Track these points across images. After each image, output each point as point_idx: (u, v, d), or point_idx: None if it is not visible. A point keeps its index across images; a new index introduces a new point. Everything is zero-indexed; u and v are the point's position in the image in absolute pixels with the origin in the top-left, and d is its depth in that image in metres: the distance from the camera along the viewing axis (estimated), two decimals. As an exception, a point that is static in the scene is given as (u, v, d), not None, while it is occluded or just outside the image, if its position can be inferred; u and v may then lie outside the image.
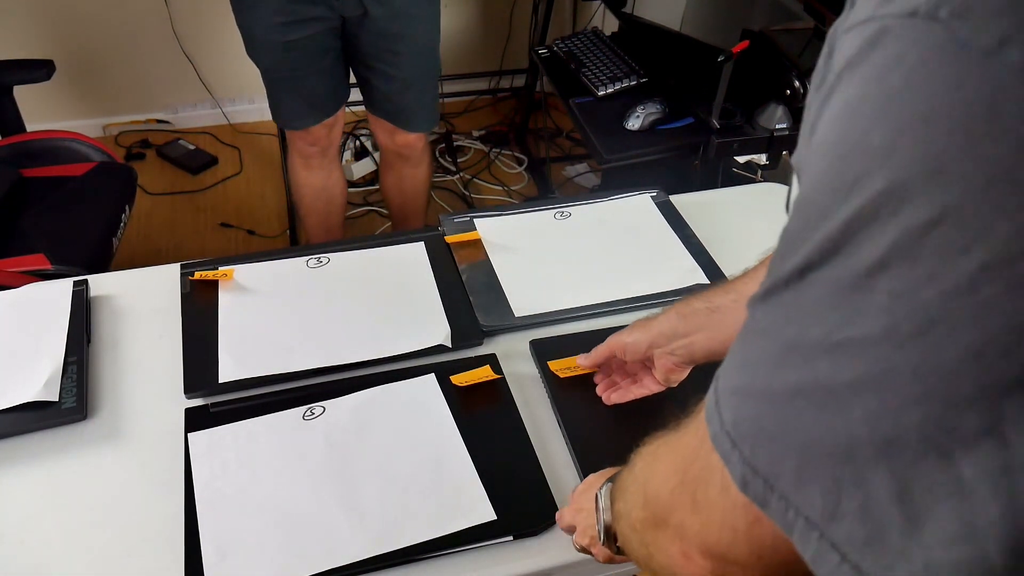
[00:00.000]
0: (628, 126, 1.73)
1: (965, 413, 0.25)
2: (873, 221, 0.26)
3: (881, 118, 0.26)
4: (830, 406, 0.28)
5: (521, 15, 2.67)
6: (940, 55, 0.24)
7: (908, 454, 0.26)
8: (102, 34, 2.45)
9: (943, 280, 0.25)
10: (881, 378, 0.26)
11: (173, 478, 0.79)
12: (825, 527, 0.29)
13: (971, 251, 0.24)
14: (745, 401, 0.33)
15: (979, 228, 0.24)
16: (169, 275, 1.02)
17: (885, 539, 0.28)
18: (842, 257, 0.27)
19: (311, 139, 1.77)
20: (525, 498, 0.79)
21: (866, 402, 0.27)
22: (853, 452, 0.28)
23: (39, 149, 1.71)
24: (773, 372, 0.31)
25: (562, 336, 0.97)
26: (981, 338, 0.24)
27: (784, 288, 0.30)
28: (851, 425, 0.28)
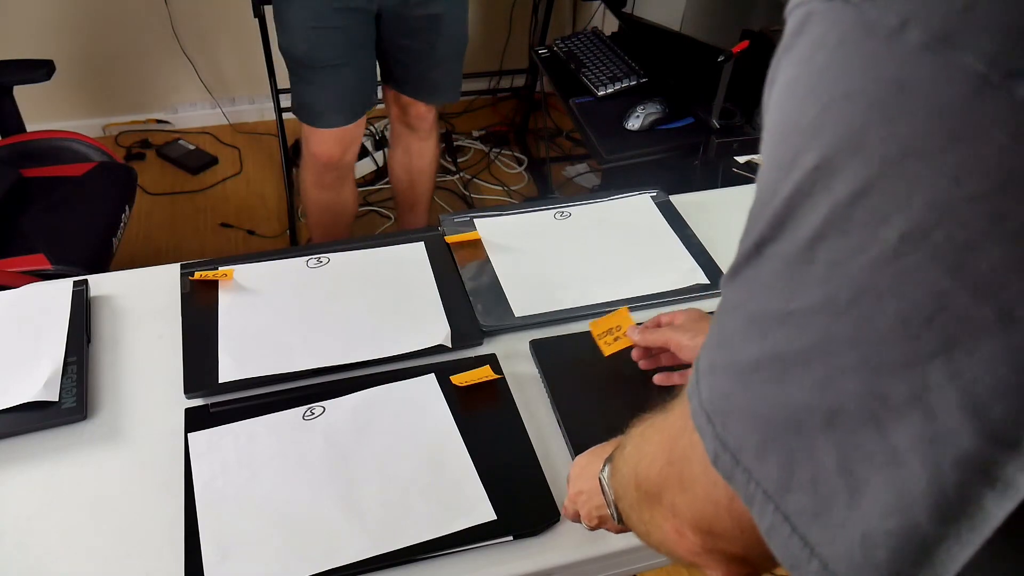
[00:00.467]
0: (628, 126, 1.73)
1: (894, 382, 0.26)
2: (809, 196, 0.27)
3: (810, 97, 0.27)
4: (784, 377, 0.29)
5: (521, 15, 2.67)
6: (854, 36, 0.26)
7: (849, 424, 0.27)
8: (102, 34, 2.45)
9: (869, 250, 0.25)
10: (823, 347, 0.27)
11: (173, 478, 0.79)
12: (779, 499, 0.30)
13: (891, 221, 0.25)
14: (718, 377, 0.33)
15: (897, 200, 0.25)
16: (169, 275, 1.02)
17: (831, 511, 0.28)
18: (788, 231, 0.28)
19: (330, 144, 1.74)
20: (525, 498, 0.79)
21: (813, 371, 0.28)
22: (803, 423, 0.28)
23: (39, 149, 1.71)
24: (739, 346, 0.32)
25: (562, 336, 0.97)
26: (905, 306, 0.25)
27: (746, 265, 0.31)
28: (802, 395, 0.28)
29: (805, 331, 0.28)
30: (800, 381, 0.28)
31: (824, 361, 0.28)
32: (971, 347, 0.24)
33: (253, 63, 2.42)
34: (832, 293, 0.27)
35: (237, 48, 2.58)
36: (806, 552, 0.29)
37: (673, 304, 1.02)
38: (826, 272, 0.27)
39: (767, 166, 0.30)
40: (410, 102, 1.80)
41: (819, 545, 0.29)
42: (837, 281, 0.27)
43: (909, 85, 0.24)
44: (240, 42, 2.54)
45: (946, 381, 0.25)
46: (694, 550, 0.40)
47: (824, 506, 0.29)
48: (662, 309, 1.01)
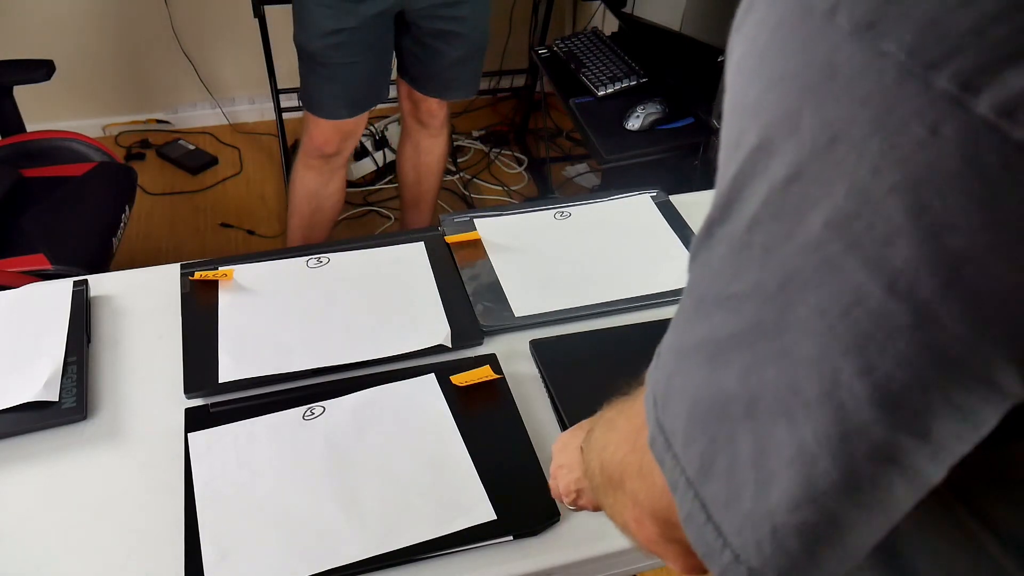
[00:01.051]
0: (628, 126, 1.73)
1: (808, 375, 0.26)
2: (751, 177, 0.27)
3: (753, 76, 0.27)
4: (715, 362, 0.29)
5: (521, 15, 2.67)
6: (791, 18, 0.25)
7: (765, 414, 0.27)
8: (102, 34, 2.45)
9: (796, 237, 0.25)
10: (751, 333, 0.27)
11: (173, 478, 0.79)
12: (699, 486, 0.30)
13: (817, 207, 0.24)
14: (665, 357, 0.33)
15: (823, 186, 0.24)
16: (169, 275, 1.02)
17: (740, 501, 0.28)
18: (734, 213, 0.28)
19: (329, 134, 1.74)
20: (525, 498, 0.79)
21: (740, 358, 0.28)
22: (728, 410, 0.28)
23: (39, 149, 1.71)
24: (684, 328, 0.32)
25: (562, 336, 0.97)
26: (824, 297, 0.25)
27: (701, 246, 0.31)
28: (728, 381, 0.28)
29: (737, 316, 0.28)
30: (728, 367, 0.28)
31: (750, 348, 0.27)
32: (884, 344, 0.24)
33: (253, 63, 2.42)
34: (763, 279, 0.27)
35: (237, 48, 2.58)
36: (719, 542, 0.29)
37: (673, 304, 1.01)
38: (760, 257, 0.27)
39: (721, 144, 0.30)
40: (422, 98, 1.80)
41: (731, 535, 0.29)
42: (768, 267, 0.26)
43: (839, 70, 0.24)
44: (240, 42, 2.54)
45: (857, 377, 0.25)
46: (652, 539, 0.40)
47: (735, 496, 0.29)
48: (662, 311, 1.01)
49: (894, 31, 0.22)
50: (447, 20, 1.62)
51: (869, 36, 0.23)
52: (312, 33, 1.56)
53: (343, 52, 1.59)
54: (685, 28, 1.81)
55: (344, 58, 1.60)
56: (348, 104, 1.69)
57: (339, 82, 1.64)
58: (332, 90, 1.66)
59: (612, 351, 0.94)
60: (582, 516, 0.78)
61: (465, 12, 1.62)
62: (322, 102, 1.68)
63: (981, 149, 0.21)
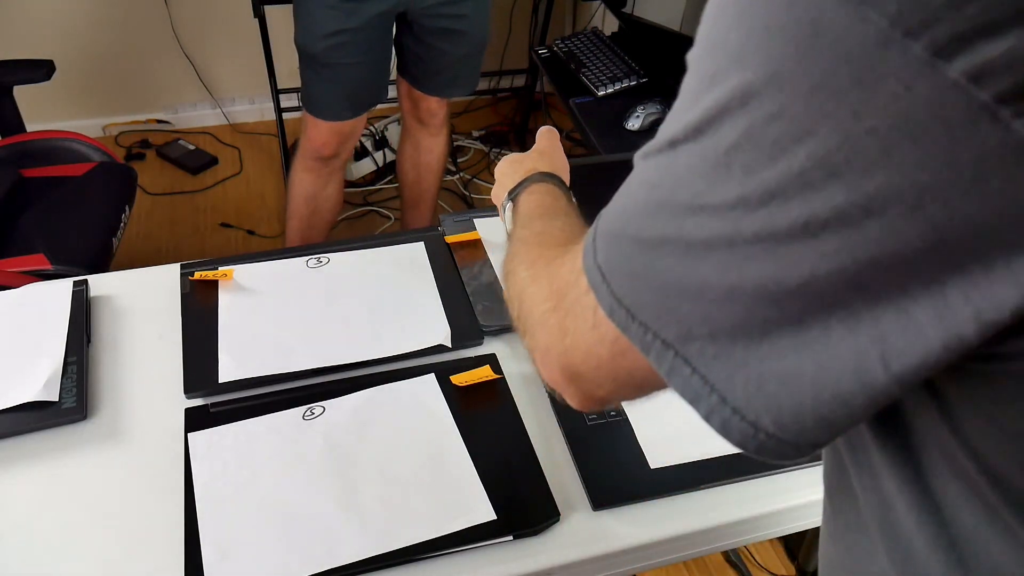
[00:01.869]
0: (628, 126, 1.73)
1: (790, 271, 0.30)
2: (727, 111, 0.30)
3: (736, 23, 0.30)
4: (689, 256, 0.33)
5: (521, 15, 2.67)
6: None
7: (747, 298, 0.32)
8: (102, 34, 2.45)
9: (780, 163, 0.29)
10: (731, 236, 0.31)
11: (173, 478, 0.79)
12: (679, 347, 0.35)
13: (801, 142, 0.28)
14: (618, 242, 0.38)
15: (806, 125, 0.28)
16: (169, 275, 1.02)
17: (731, 353, 0.33)
18: (706, 138, 0.32)
19: (328, 135, 1.73)
20: (525, 498, 0.79)
21: (718, 255, 0.32)
22: (704, 293, 0.33)
23: (39, 149, 1.71)
24: (644, 222, 0.36)
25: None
26: (807, 212, 0.29)
27: (660, 152, 0.35)
28: (704, 273, 0.33)
29: (716, 222, 0.32)
30: (703, 262, 0.33)
31: (729, 249, 0.32)
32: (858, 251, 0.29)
33: (253, 63, 2.42)
34: (744, 194, 0.31)
35: (237, 48, 2.58)
36: (706, 388, 0.34)
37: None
38: (741, 176, 0.31)
39: (692, 71, 0.33)
40: (422, 97, 1.80)
41: (718, 381, 0.34)
42: (749, 185, 0.30)
43: (823, 28, 0.27)
44: (240, 42, 2.54)
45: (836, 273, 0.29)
46: (555, 381, 0.46)
47: (723, 351, 0.33)
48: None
49: (879, 1, 0.25)
50: (449, 18, 1.62)
51: (855, 3, 0.26)
52: (314, 34, 1.56)
53: (345, 53, 1.59)
54: (685, 28, 1.82)
55: (346, 59, 1.60)
56: (348, 105, 1.69)
57: (340, 83, 1.64)
58: (334, 91, 1.66)
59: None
60: (582, 516, 0.79)
61: (467, 10, 1.62)
62: (323, 103, 1.68)
63: (948, 106, 0.25)
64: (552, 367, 0.46)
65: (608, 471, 0.82)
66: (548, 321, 0.46)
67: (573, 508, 0.79)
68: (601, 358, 0.41)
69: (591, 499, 0.79)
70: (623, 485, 0.80)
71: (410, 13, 1.61)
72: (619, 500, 0.79)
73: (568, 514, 0.78)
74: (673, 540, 0.79)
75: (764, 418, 0.33)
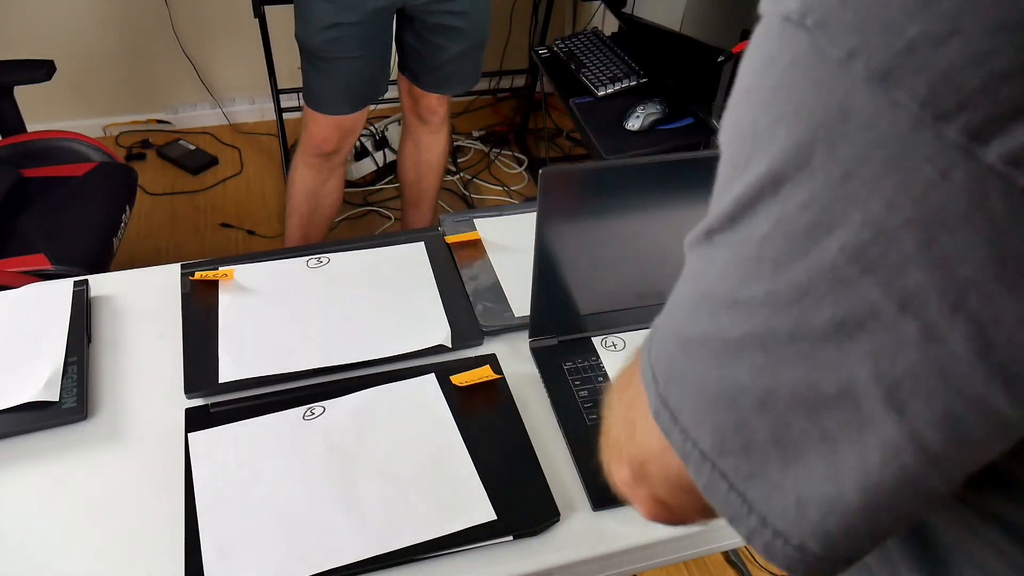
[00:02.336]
0: (628, 126, 1.73)
1: (826, 376, 0.28)
2: (759, 199, 0.29)
3: (764, 108, 0.29)
4: (724, 357, 0.32)
5: (521, 15, 2.67)
6: (806, 59, 0.27)
7: (781, 406, 0.30)
8: (102, 34, 2.45)
9: (810, 257, 0.28)
10: (763, 337, 0.30)
11: (173, 478, 0.79)
12: (715, 459, 0.33)
13: (833, 234, 0.27)
14: (666, 340, 0.36)
15: (837, 215, 0.27)
16: (169, 275, 1.02)
17: (766, 473, 0.31)
18: (739, 228, 0.30)
19: (329, 130, 1.74)
20: (525, 498, 0.79)
21: (752, 357, 0.30)
22: (738, 400, 0.31)
23: (39, 149, 1.71)
24: (687, 318, 0.34)
25: (562, 337, 0.97)
26: (840, 313, 0.27)
27: (699, 243, 0.34)
28: (737, 376, 0.31)
29: (748, 320, 0.30)
30: (738, 363, 0.31)
31: (762, 350, 0.30)
32: (897, 354, 0.27)
33: (253, 63, 2.42)
34: (775, 290, 0.29)
35: (237, 48, 2.58)
36: (745, 508, 0.32)
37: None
38: (772, 271, 0.29)
39: (724, 158, 0.32)
40: (422, 94, 1.80)
41: (757, 501, 0.32)
42: (781, 280, 0.29)
43: (853, 113, 0.26)
44: (240, 42, 2.54)
45: (873, 382, 0.27)
46: (626, 481, 0.44)
47: (759, 469, 0.31)
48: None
49: (908, 83, 0.24)
50: (448, 15, 1.62)
51: (884, 85, 0.25)
52: (313, 28, 1.57)
53: (344, 47, 1.59)
54: (685, 28, 1.81)
55: (345, 53, 1.60)
56: (348, 100, 1.70)
57: (340, 77, 1.64)
58: (333, 85, 1.66)
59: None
60: (582, 516, 0.79)
61: (465, 6, 1.62)
62: (323, 97, 1.69)
63: (988, 193, 0.24)
64: (623, 464, 0.43)
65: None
66: (619, 413, 0.44)
67: (573, 508, 0.79)
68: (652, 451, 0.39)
69: (591, 499, 0.79)
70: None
71: (409, 9, 1.61)
72: (619, 500, 0.79)
73: (568, 514, 0.78)
74: (673, 540, 0.79)
75: (811, 542, 0.31)
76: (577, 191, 0.84)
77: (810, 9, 0.27)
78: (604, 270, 0.92)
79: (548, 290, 0.90)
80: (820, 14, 0.26)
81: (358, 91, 1.70)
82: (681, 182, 0.85)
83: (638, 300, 0.95)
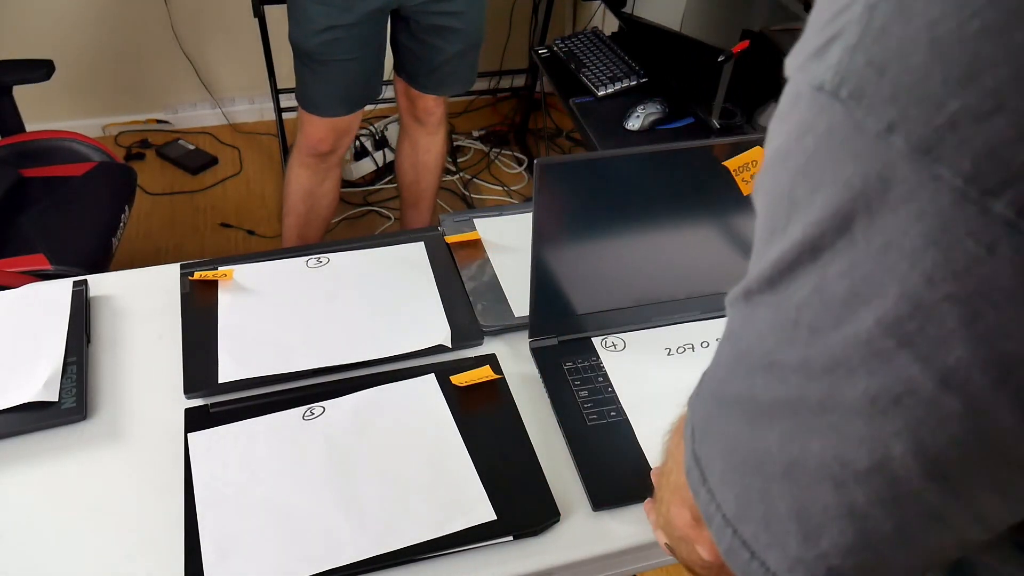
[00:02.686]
0: (628, 126, 1.73)
1: (858, 450, 0.27)
2: (798, 264, 0.29)
3: (800, 175, 0.28)
4: (756, 420, 0.31)
5: (521, 15, 2.67)
6: (842, 130, 0.26)
7: (807, 478, 0.29)
8: (102, 34, 2.45)
9: (846, 327, 0.27)
10: (795, 404, 0.29)
11: (173, 478, 0.79)
12: (737, 525, 0.32)
13: (869, 305, 0.26)
14: (705, 397, 0.36)
15: (875, 287, 0.26)
16: (169, 275, 1.02)
17: (786, 545, 0.30)
18: (779, 290, 0.30)
19: (324, 131, 1.73)
20: (525, 498, 0.79)
21: (782, 422, 0.30)
22: (764, 466, 0.31)
23: (39, 149, 1.71)
24: (725, 376, 0.34)
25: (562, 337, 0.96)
26: (875, 385, 0.27)
27: (740, 301, 0.33)
28: (766, 441, 0.30)
29: (781, 385, 0.30)
30: (768, 429, 0.30)
31: (792, 417, 0.29)
32: (938, 429, 0.26)
33: (253, 63, 2.42)
34: (809, 357, 0.28)
35: (237, 48, 2.58)
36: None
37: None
38: (807, 337, 0.28)
39: (762, 219, 0.32)
40: (419, 95, 1.80)
41: (781, 572, 0.31)
42: (815, 348, 0.28)
43: (893, 185, 0.25)
44: (240, 42, 2.53)
45: (911, 455, 0.27)
46: (688, 524, 0.42)
47: (778, 541, 0.31)
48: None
49: (951, 158, 0.24)
50: (443, 15, 1.62)
51: (926, 160, 0.24)
52: (307, 30, 1.56)
53: (338, 49, 1.59)
54: (685, 28, 1.81)
55: (339, 55, 1.59)
56: (344, 101, 1.69)
57: (335, 79, 1.64)
58: (328, 88, 1.66)
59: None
60: (582, 516, 0.79)
61: (461, 7, 1.62)
62: (318, 100, 1.68)
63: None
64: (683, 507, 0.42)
65: (608, 471, 0.82)
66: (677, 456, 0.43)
67: (573, 508, 0.79)
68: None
69: (591, 499, 0.79)
70: (623, 485, 0.80)
71: (404, 10, 1.61)
72: (619, 500, 0.79)
73: (568, 514, 0.78)
74: (673, 540, 0.79)
75: None
76: (574, 183, 0.84)
77: (845, 81, 0.26)
78: (603, 266, 0.92)
79: (546, 287, 0.90)
80: (856, 86, 0.26)
81: (353, 93, 1.69)
82: (678, 173, 0.85)
83: (638, 299, 0.95)
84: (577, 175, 0.83)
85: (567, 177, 0.83)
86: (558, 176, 0.82)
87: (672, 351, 0.94)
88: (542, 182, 0.81)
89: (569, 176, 0.83)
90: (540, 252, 0.86)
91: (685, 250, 0.93)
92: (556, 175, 0.82)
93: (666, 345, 0.95)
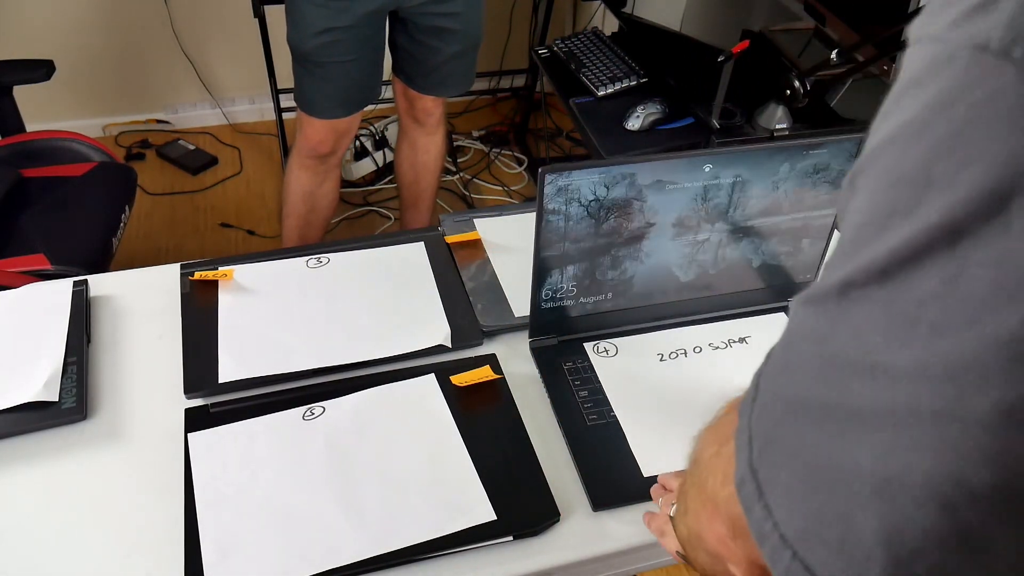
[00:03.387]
0: (628, 126, 1.73)
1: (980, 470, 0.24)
2: (928, 253, 0.25)
3: (944, 149, 0.24)
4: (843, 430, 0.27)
5: (521, 15, 2.67)
6: (1010, 96, 0.23)
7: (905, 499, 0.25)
8: (102, 34, 2.45)
9: (985, 327, 0.23)
10: (901, 413, 0.25)
11: (173, 478, 0.79)
12: (800, 549, 0.28)
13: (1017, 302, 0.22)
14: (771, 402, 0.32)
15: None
16: (169, 275, 1.02)
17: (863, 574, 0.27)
18: (896, 282, 0.26)
19: (323, 133, 1.73)
20: (525, 498, 0.79)
21: (879, 434, 0.26)
22: (850, 484, 0.27)
23: (39, 149, 1.71)
24: (803, 380, 0.30)
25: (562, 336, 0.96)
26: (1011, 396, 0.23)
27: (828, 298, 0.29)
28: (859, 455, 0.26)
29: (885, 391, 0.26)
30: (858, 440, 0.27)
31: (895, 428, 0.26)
32: None
33: (253, 63, 2.42)
34: (927, 360, 0.25)
35: (237, 48, 2.58)
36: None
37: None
38: (927, 336, 0.25)
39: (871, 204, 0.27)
40: (417, 96, 1.80)
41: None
42: (937, 349, 0.24)
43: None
44: (240, 42, 2.53)
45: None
46: (722, 538, 0.39)
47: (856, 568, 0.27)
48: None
49: None
50: (441, 16, 1.62)
51: None
52: (305, 32, 1.56)
53: (336, 51, 1.59)
54: (685, 28, 1.82)
55: (338, 57, 1.59)
56: (342, 103, 1.69)
57: (333, 81, 1.64)
58: (326, 89, 1.66)
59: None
60: (582, 516, 0.79)
61: (459, 8, 1.62)
62: (316, 101, 1.68)
63: None
64: (718, 519, 0.39)
65: (608, 471, 0.82)
66: (717, 467, 0.40)
67: (573, 508, 0.79)
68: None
69: (591, 499, 0.79)
70: (623, 485, 0.80)
71: (402, 11, 1.61)
72: (619, 500, 0.79)
73: (568, 514, 0.78)
74: (673, 540, 0.79)
75: None
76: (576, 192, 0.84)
77: (1020, 38, 0.22)
78: (603, 269, 0.92)
79: (547, 290, 0.90)
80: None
81: (352, 94, 1.69)
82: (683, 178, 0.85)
83: (638, 300, 0.95)
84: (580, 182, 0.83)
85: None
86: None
87: (664, 356, 0.94)
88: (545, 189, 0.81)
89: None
90: (542, 255, 0.86)
91: (685, 251, 0.93)
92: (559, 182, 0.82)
93: (658, 351, 0.94)
